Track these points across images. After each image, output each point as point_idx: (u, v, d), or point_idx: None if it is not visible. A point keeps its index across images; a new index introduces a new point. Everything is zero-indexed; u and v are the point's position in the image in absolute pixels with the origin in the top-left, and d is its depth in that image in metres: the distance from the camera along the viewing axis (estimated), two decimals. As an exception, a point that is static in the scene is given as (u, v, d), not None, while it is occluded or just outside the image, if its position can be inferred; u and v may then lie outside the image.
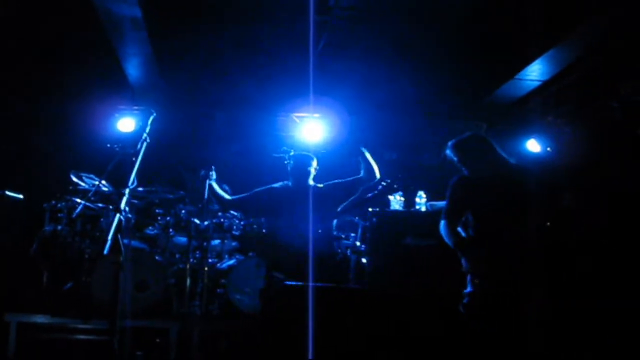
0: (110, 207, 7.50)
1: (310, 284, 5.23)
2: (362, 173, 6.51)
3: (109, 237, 3.98)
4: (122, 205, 4.23)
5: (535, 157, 9.03)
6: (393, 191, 6.74)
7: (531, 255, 5.11)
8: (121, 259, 4.11)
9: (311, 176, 6.88)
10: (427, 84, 9.05)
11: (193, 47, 8.26)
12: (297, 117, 9.87)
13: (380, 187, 6.56)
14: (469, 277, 5.28)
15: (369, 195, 6.55)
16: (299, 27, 7.09)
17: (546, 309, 5.18)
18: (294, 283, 5.22)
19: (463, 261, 5.29)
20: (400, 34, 7.78)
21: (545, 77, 8.41)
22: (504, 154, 5.47)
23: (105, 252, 3.97)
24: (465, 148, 5.46)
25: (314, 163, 6.95)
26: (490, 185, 5.26)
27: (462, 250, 5.24)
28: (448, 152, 5.56)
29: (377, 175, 6.45)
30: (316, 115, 9.71)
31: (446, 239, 5.29)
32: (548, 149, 8.12)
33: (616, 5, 6.55)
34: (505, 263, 5.13)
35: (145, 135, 4.73)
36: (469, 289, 5.26)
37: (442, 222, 5.32)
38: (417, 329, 5.21)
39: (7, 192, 7.41)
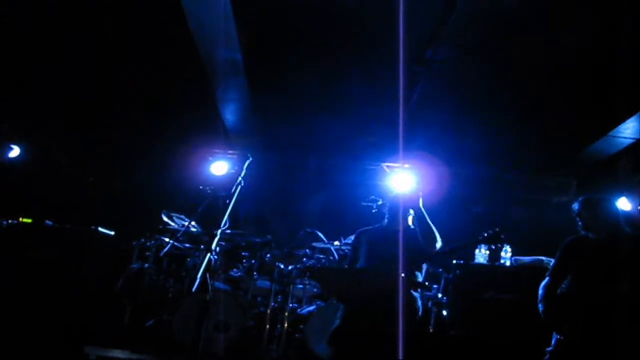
0: (202, 247, 7.62)
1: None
2: (420, 239, 5.94)
3: (199, 276, 4.03)
4: (214, 245, 4.29)
5: (626, 216, 8.82)
6: (499, 241, 6.12)
7: (623, 320, 4.99)
8: (207, 298, 4.16)
9: (410, 218, 6.25)
10: (517, 138, 8.97)
11: (289, 94, 8.42)
12: (388, 166, 9.90)
13: (486, 234, 5.85)
14: (554, 335, 5.18)
15: (477, 239, 5.86)
16: (392, 78, 7.12)
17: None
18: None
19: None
20: (493, 86, 7.75)
21: (638, 135, 8.24)
22: (621, 221, 5.39)
23: (193, 289, 4.02)
24: (595, 207, 5.40)
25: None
26: (599, 248, 5.19)
27: (551, 307, 5.14)
28: (576, 205, 5.49)
29: (438, 239, 5.88)
30: (406, 165, 9.73)
31: (540, 295, 5.23)
32: (639, 207, 7.89)
33: None
34: (593, 324, 5.01)
35: (240, 178, 4.81)
36: (552, 346, 5.16)
37: (546, 280, 5.29)
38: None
39: (100, 229, 7.60)
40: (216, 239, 4.36)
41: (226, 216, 4.52)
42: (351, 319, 5.71)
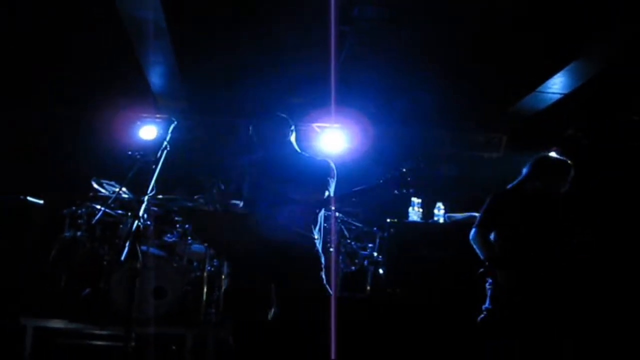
0: (129, 214, 7.53)
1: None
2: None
3: (127, 244, 3.98)
4: (141, 212, 4.24)
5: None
6: (406, 186, 5.10)
7: (564, 274, 5.10)
8: (138, 265, 4.11)
9: (290, 143, 5.31)
10: (448, 96, 9.02)
11: (216, 56, 8.28)
12: (318, 127, 9.89)
13: (391, 175, 5.07)
14: (489, 292, 5.22)
15: (378, 182, 5.02)
16: (321, 37, 7.07)
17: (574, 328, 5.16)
18: None
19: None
20: (422, 46, 7.75)
21: (566, 90, 8.38)
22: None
23: (122, 258, 3.98)
24: (545, 169, 5.40)
25: (292, 127, 5.35)
26: (533, 203, 5.26)
27: (494, 264, 5.17)
28: (533, 161, 5.45)
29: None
30: (336, 125, 9.72)
31: (477, 249, 5.27)
32: (568, 162, 8.08)
33: (636, 21, 6.53)
34: (536, 281, 5.08)
35: (165, 143, 4.74)
36: (487, 304, 5.21)
37: (474, 231, 5.31)
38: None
39: (28, 198, 7.45)
40: (143, 206, 4.31)
41: (153, 182, 4.46)
42: (237, 279, 4.99)
